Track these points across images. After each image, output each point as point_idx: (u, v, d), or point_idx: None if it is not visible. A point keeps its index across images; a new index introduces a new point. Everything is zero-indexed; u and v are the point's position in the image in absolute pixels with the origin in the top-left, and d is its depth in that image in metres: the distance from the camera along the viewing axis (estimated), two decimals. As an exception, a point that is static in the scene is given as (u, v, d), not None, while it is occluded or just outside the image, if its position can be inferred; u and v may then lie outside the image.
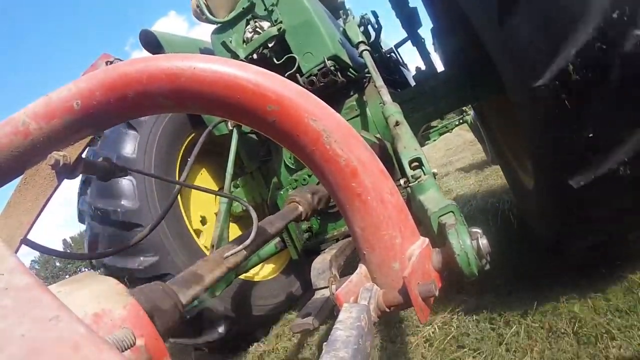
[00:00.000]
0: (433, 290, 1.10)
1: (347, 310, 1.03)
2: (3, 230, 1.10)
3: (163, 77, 1.11)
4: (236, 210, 4.61)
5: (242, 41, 3.79)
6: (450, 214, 1.37)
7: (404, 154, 1.96)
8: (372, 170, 1.19)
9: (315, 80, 3.52)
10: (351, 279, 1.27)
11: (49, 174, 1.14)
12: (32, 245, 1.24)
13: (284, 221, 2.34)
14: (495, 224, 4.82)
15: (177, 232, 4.16)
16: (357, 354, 0.88)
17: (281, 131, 1.17)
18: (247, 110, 1.14)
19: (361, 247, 1.25)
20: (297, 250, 3.85)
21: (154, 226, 1.99)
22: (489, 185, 7.29)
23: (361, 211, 1.19)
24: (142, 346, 0.92)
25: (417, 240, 1.24)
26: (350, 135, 1.19)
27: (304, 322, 1.88)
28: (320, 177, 1.24)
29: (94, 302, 0.93)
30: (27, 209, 1.14)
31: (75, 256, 2.01)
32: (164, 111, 1.26)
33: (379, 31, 5.00)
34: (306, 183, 3.75)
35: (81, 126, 1.15)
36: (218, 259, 1.69)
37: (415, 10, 4.62)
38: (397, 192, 1.24)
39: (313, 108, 1.15)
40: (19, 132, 1.07)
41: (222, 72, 1.11)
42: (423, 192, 1.73)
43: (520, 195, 3.91)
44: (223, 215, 3.39)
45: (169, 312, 1.24)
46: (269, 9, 3.65)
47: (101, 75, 1.13)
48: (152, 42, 4.22)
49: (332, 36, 3.66)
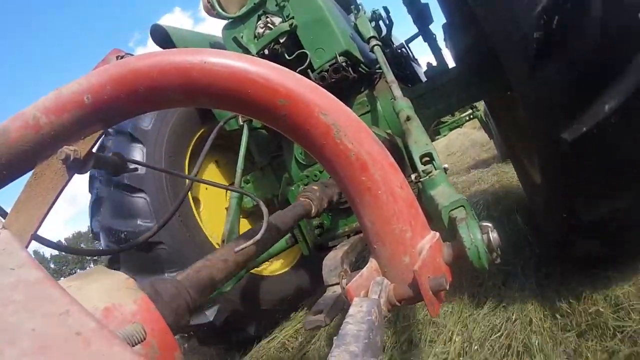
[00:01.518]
0: (443, 284, 1.10)
1: (358, 305, 1.03)
2: (14, 225, 1.11)
3: (174, 71, 1.11)
4: (247, 206, 4.61)
5: (254, 36, 3.78)
6: (461, 208, 1.36)
7: (415, 149, 1.96)
8: (382, 164, 1.18)
9: (327, 76, 3.49)
10: (362, 273, 1.26)
11: (59, 169, 1.14)
12: (40, 241, 1.24)
13: (295, 217, 2.33)
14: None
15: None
16: (367, 348, 0.87)
17: (292, 125, 1.17)
18: (257, 104, 1.13)
19: (371, 241, 1.25)
20: (308, 246, 3.84)
21: (165, 222, 1.99)
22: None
23: (371, 205, 1.19)
24: (153, 341, 0.92)
25: (427, 234, 1.24)
26: (361, 129, 1.19)
27: (316, 319, 1.87)
28: (331, 171, 1.24)
29: (104, 296, 0.94)
30: (38, 204, 1.14)
31: (83, 252, 2.02)
32: (174, 106, 1.26)
33: (391, 27, 4.97)
34: (317, 179, 3.74)
35: (91, 121, 1.15)
36: (228, 254, 1.69)
37: (426, 5, 4.61)
38: (408, 186, 1.23)
39: (323, 102, 1.15)
40: (29, 126, 1.08)
41: (232, 66, 1.11)
42: (434, 187, 1.72)
43: (530, 192, 3.90)
44: (233, 210, 3.38)
45: (180, 307, 1.24)
46: (280, 4, 3.63)
47: (112, 70, 1.13)
48: (163, 37, 4.22)
49: (343, 31, 3.64)
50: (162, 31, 4.22)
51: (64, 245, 1.56)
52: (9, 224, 1.11)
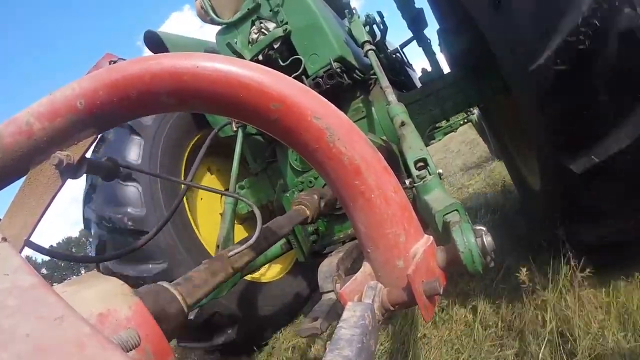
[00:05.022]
0: (437, 288, 1.10)
1: (351, 309, 1.03)
2: (7, 230, 1.10)
3: (166, 76, 1.11)
4: (242, 212, 4.60)
5: (248, 42, 3.77)
6: (455, 212, 1.36)
7: (410, 155, 1.96)
8: (376, 168, 1.18)
9: (322, 82, 3.48)
10: (355, 277, 1.26)
11: (52, 174, 1.14)
12: (34, 247, 1.23)
13: (290, 223, 2.33)
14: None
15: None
16: (361, 353, 0.87)
17: (284, 129, 1.17)
18: (250, 108, 1.13)
19: (365, 245, 1.25)
20: (304, 252, 3.83)
21: (160, 227, 1.98)
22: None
23: (365, 209, 1.18)
24: (147, 346, 0.92)
25: (421, 238, 1.24)
26: (354, 133, 1.19)
27: (311, 326, 1.87)
28: (324, 175, 1.24)
29: (99, 302, 0.93)
30: (32, 209, 1.14)
31: (77, 259, 2.00)
32: (167, 110, 1.26)
33: (385, 31, 4.98)
34: (312, 185, 3.73)
35: (85, 125, 1.15)
36: (223, 260, 1.69)
37: (421, 10, 4.62)
38: (401, 190, 1.23)
39: (316, 106, 1.15)
40: (22, 131, 1.08)
41: (224, 70, 1.11)
42: (428, 192, 1.72)
43: (524, 194, 3.91)
44: (228, 216, 3.37)
45: (174, 313, 1.24)
46: (274, 9, 3.62)
47: (104, 75, 1.13)
48: (157, 43, 4.22)
49: (337, 37, 3.64)
50: (155, 37, 4.22)
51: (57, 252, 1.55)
52: (2, 229, 1.11)
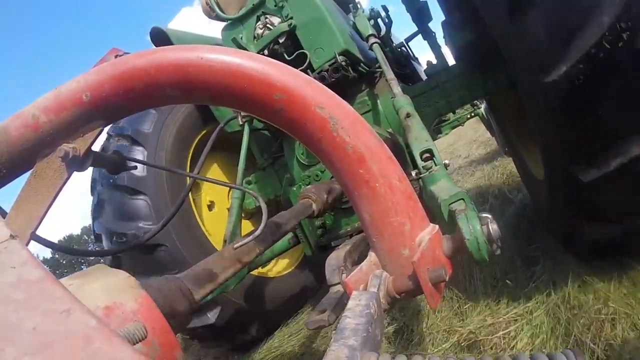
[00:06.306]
0: (443, 276, 1.09)
1: (357, 298, 1.02)
2: (14, 223, 1.11)
3: (171, 68, 1.11)
4: (249, 207, 4.60)
5: (253, 37, 3.77)
6: (461, 201, 1.36)
7: (415, 146, 1.95)
8: (380, 156, 1.18)
9: (327, 76, 3.48)
10: (361, 266, 1.26)
11: (59, 167, 1.15)
12: (39, 241, 1.24)
13: (296, 217, 2.33)
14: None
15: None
16: (366, 342, 0.87)
17: (288, 119, 1.17)
18: (254, 99, 1.14)
19: (370, 234, 1.25)
20: (311, 246, 3.83)
21: (167, 221, 1.99)
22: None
23: (369, 198, 1.18)
24: (154, 339, 0.93)
25: (426, 227, 1.24)
26: (358, 122, 1.19)
27: (319, 318, 1.86)
28: (329, 165, 1.24)
29: (105, 295, 0.94)
30: (38, 202, 1.15)
31: (82, 252, 2.01)
32: (172, 102, 1.27)
33: (390, 25, 4.97)
34: (319, 179, 3.73)
35: (90, 118, 1.16)
36: (230, 254, 1.69)
37: (425, 3, 4.59)
38: (406, 178, 1.23)
39: (319, 96, 1.15)
40: (29, 125, 1.08)
41: (229, 61, 1.11)
42: (434, 182, 1.72)
43: (531, 187, 3.90)
44: (235, 210, 3.37)
45: (181, 306, 1.25)
46: (279, 4, 3.62)
47: (110, 68, 1.13)
48: (163, 40, 4.22)
49: (342, 31, 3.63)
50: (162, 33, 4.23)
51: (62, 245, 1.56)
52: (9, 222, 1.11)
